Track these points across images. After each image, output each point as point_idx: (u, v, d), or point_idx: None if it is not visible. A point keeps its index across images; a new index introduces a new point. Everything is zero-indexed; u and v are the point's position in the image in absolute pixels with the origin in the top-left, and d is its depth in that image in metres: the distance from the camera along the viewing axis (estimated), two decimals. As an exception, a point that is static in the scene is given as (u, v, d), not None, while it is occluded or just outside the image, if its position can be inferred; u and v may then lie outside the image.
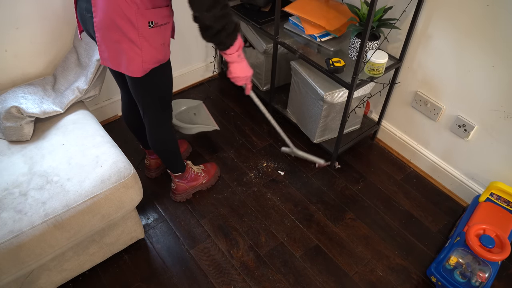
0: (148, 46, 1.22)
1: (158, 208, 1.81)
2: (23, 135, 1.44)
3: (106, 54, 1.26)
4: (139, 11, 1.14)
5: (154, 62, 1.27)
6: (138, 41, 1.19)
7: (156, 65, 1.28)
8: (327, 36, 1.85)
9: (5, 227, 1.18)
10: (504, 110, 1.55)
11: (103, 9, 1.15)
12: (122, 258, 1.62)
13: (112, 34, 1.19)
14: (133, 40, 1.19)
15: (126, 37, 1.18)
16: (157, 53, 1.26)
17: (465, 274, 1.47)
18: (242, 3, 2.13)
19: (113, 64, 1.27)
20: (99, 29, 1.20)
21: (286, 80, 2.31)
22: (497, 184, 1.60)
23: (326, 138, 2.01)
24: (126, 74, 1.30)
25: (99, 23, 1.18)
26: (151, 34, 1.20)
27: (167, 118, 1.52)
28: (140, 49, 1.21)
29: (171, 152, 1.62)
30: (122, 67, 1.26)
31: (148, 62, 1.25)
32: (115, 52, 1.23)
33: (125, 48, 1.20)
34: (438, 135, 1.85)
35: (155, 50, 1.24)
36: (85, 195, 1.29)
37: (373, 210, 1.82)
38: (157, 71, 1.31)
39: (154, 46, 1.23)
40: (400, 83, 1.89)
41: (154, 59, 1.26)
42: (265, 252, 1.65)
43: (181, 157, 1.70)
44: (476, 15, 1.47)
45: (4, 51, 1.61)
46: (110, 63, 1.27)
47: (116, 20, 1.15)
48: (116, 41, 1.20)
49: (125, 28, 1.16)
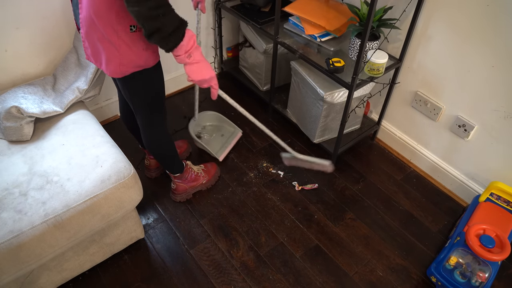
0: (127, 50, 1.19)
1: (158, 208, 1.81)
2: (23, 135, 1.44)
3: (89, 50, 1.26)
4: (120, 14, 1.12)
5: (133, 67, 1.24)
6: (116, 44, 1.17)
7: (136, 69, 1.25)
8: (327, 36, 1.85)
9: (5, 227, 1.18)
10: (504, 110, 1.55)
11: (86, 7, 1.15)
12: (122, 258, 1.62)
13: (93, 32, 1.18)
14: (111, 42, 1.17)
15: (105, 38, 1.17)
16: (137, 58, 1.22)
17: (465, 274, 1.47)
18: (242, 3, 2.13)
19: (95, 61, 1.27)
20: (83, 25, 1.20)
21: (286, 80, 2.31)
22: (497, 184, 1.60)
23: (326, 138, 2.01)
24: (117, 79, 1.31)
25: (83, 19, 1.18)
26: (133, 38, 1.18)
27: (160, 120, 1.49)
28: (118, 52, 1.19)
29: (167, 154, 1.61)
30: (102, 65, 1.25)
31: (126, 66, 1.22)
32: (96, 50, 1.23)
33: (104, 48, 1.19)
34: (438, 135, 1.85)
35: (134, 55, 1.21)
36: (85, 195, 1.29)
37: (373, 210, 1.82)
38: (141, 75, 1.28)
39: (133, 51, 1.20)
40: (400, 83, 1.89)
41: (132, 63, 1.23)
42: (265, 252, 1.65)
43: (178, 158, 1.69)
44: (476, 15, 1.47)
45: (4, 51, 1.61)
46: (93, 59, 1.28)
47: (96, 20, 1.14)
48: (97, 39, 1.19)
49: (104, 29, 1.15)
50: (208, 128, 2.08)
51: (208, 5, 2.21)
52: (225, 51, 2.49)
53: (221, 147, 2.06)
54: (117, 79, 1.32)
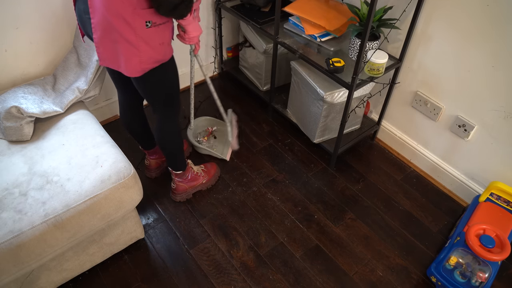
0: (146, 47, 1.21)
1: (158, 208, 1.81)
2: (23, 135, 1.44)
3: (105, 54, 1.26)
4: (135, 11, 1.14)
5: (153, 62, 1.27)
6: (135, 42, 1.19)
7: (155, 65, 1.29)
8: (327, 36, 1.85)
9: (5, 227, 1.18)
10: (504, 110, 1.55)
11: (100, 10, 1.15)
12: (122, 258, 1.62)
13: (109, 35, 1.19)
14: (130, 41, 1.18)
15: (123, 38, 1.18)
16: (155, 54, 1.26)
17: (465, 274, 1.47)
18: (242, 3, 2.13)
19: (113, 64, 1.27)
20: (96, 30, 1.20)
21: (286, 80, 2.31)
22: (497, 184, 1.60)
23: (326, 138, 2.01)
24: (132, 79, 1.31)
25: (97, 24, 1.18)
26: (149, 34, 1.20)
27: (176, 113, 1.54)
28: (138, 50, 1.21)
29: (176, 148, 1.64)
30: (121, 67, 1.26)
31: (146, 63, 1.25)
32: (113, 52, 1.24)
33: (122, 48, 1.20)
34: (438, 135, 1.85)
35: (153, 51, 1.24)
36: (85, 195, 1.29)
37: (373, 210, 1.82)
38: (159, 70, 1.31)
39: (152, 46, 1.23)
40: (400, 83, 1.89)
41: (152, 59, 1.26)
42: (265, 252, 1.65)
43: (184, 155, 1.71)
44: (476, 15, 1.47)
45: (4, 51, 1.61)
46: (110, 63, 1.27)
47: (113, 21, 1.15)
48: (114, 41, 1.20)
49: (121, 29, 1.16)
50: (203, 133, 2.08)
51: (208, 5, 2.21)
52: (225, 51, 2.49)
53: (223, 147, 2.05)
54: (135, 78, 1.33)
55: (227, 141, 2.07)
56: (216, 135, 2.11)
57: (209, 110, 2.29)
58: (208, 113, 2.26)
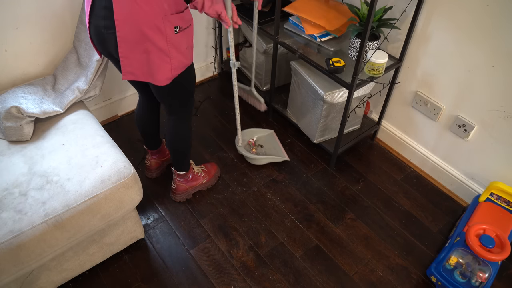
0: (176, 53, 1.24)
1: (158, 208, 1.81)
2: (23, 135, 1.44)
3: (132, 67, 1.25)
4: (166, 17, 1.15)
5: (181, 68, 1.30)
6: (166, 49, 1.21)
7: (182, 70, 1.31)
8: (327, 36, 1.85)
9: (5, 227, 1.18)
10: (504, 110, 1.55)
11: (129, 22, 1.14)
12: (122, 258, 1.62)
13: (140, 46, 1.19)
14: (162, 49, 1.20)
15: (155, 46, 1.19)
16: (184, 58, 1.28)
17: (465, 274, 1.47)
18: (242, 3, 2.13)
19: (142, 76, 1.27)
20: (124, 42, 1.18)
21: (286, 80, 2.31)
22: (497, 184, 1.60)
23: (326, 138, 2.01)
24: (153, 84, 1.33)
25: (125, 36, 1.17)
26: (178, 39, 1.22)
27: (190, 114, 1.57)
28: (169, 57, 1.23)
29: (187, 149, 1.66)
30: (150, 77, 1.27)
31: (176, 69, 1.28)
32: (143, 64, 1.23)
33: (155, 57, 1.21)
34: (438, 135, 1.85)
35: (181, 56, 1.26)
36: (85, 195, 1.29)
37: (373, 210, 1.82)
38: (185, 73, 1.34)
39: (181, 52, 1.25)
40: (400, 83, 1.89)
41: (181, 65, 1.29)
42: (265, 252, 1.65)
43: (189, 156, 1.72)
44: (476, 15, 1.47)
45: (4, 51, 1.61)
46: (140, 75, 1.27)
47: (145, 30, 1.15)
48: (145, 51, 1.20)
49: (154, 37, 1.17)
50: (248, 147, 2.05)
51: (208, 5, 2.21)
52: (225, 51, 2.49)
53: (275, 150, 2.03)
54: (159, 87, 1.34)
55: (275, 144, 2.05)
56: (260, 143, 2.08)
57: (209, 110, 2.29)
58: (209, 113, 2.26)
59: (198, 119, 2.24)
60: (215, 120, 2.23)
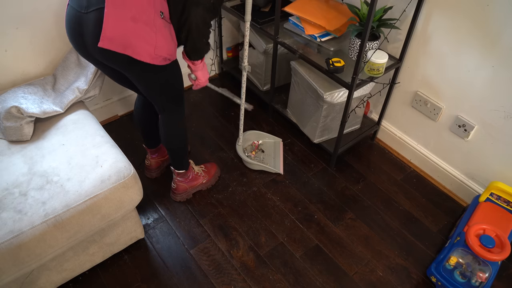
0: (161, 36, 1.22)
1: (158, 208, 1.81)
2: (23, 135, 1.44)
3: (114, 31, 1.13)
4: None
5: (164, 52, 1.25)
6: (153, 24, 1.18)
7: (165, 62, 1.29)
8: (327, 36, 1.85)
9: (5, 227, 1.18)
10: (504, 110, 1.55)
11: None
12: (122, 258, 1.62)
13: (128, 11, 1.12)
14: (148, 22, 1.16)
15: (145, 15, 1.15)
16: (168, 45, 1.26)
17: (465, 274, 1.47)
18: (242, 3, 2.13)
19: (120, 46, 1.16)
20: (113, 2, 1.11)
21: (286, 80, 2.31)
22: (497, 184, 1.60)
23: (326, 138, 2.01)
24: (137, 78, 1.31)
25: None
26: (161, 25, 1.22)
27: (182, 114, 1.56)
28: (155, 33, 1.20)
29: (182, 148, 1.65)
30: (129, 49, 1.17)
31: (160, 49, 1.22)
32: (126, 30, 1.14)
33: (139, 29, 1.15)
34: (438, 135, 1.85)
35: (166, 41, 1.25)
36: (85, 195, 1.29)
37: (373, 210, 1.82)
38: (168, 67, 1.34)
39: (165, 37, 1.24)
40: (400, 83, 1.89)
41: (165, 48, 1.24)
42: (265, 252, 1.65)
43: (187, 154, 1.72)
44: (476, 15, 1.47)
45: (4, 51, 1.61)
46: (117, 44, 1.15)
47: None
48: (132, 18, 1.13)
49: (149, 8, 1.16)
50: (249, 148, 2.05)
51: (208, 5, 2.21)
52: (225, 51, 2.49)
53: (273, 160, 2.01)
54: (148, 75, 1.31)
55: (276, 154, 2.03)
56: (263, 148, 2.06)
57: (209, 110, 2.29)
58: (209, 113, 2.27)
59: (198, 119, 2.24)
60: (215, 120, 2.23)
